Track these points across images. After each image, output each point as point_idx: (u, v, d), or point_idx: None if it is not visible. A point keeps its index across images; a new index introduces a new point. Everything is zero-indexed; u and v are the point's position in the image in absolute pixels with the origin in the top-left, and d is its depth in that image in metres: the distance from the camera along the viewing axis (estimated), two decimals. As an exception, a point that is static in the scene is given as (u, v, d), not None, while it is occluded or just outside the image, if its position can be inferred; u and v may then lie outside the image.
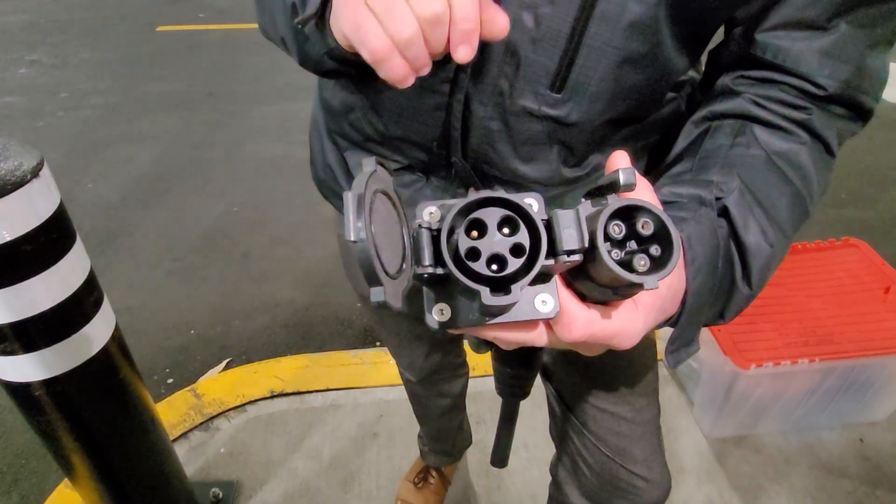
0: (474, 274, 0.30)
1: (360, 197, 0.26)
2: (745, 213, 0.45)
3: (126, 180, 2.81)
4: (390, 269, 0.28)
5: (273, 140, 3.13)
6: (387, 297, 0.26)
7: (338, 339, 1.94)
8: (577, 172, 0.58)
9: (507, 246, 0.31)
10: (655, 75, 0.52)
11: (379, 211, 0.28)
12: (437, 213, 0.32)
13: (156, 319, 2.01)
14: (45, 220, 0.76)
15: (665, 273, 0.30)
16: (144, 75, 4.01)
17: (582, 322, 0.34)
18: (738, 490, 1.47)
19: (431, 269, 0.31)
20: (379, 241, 0.27)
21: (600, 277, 0.32)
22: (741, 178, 0.46)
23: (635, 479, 0.75)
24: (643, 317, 0.37)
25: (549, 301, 0.33)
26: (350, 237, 0.25)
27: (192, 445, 1.56)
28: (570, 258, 0.31)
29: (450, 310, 0.33)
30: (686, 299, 0.42)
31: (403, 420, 1.62)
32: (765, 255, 0.45)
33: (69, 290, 0.83)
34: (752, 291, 0.46)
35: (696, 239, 0.42)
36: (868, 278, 1.56)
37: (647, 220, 0.31)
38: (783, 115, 0.49)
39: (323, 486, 1.47)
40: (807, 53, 0.47)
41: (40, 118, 3.42)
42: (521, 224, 0.31)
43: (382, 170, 0.30)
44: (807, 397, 1.49)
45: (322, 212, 2.51)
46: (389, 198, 0.31)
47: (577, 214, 0.31)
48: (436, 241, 0.31)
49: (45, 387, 0.87)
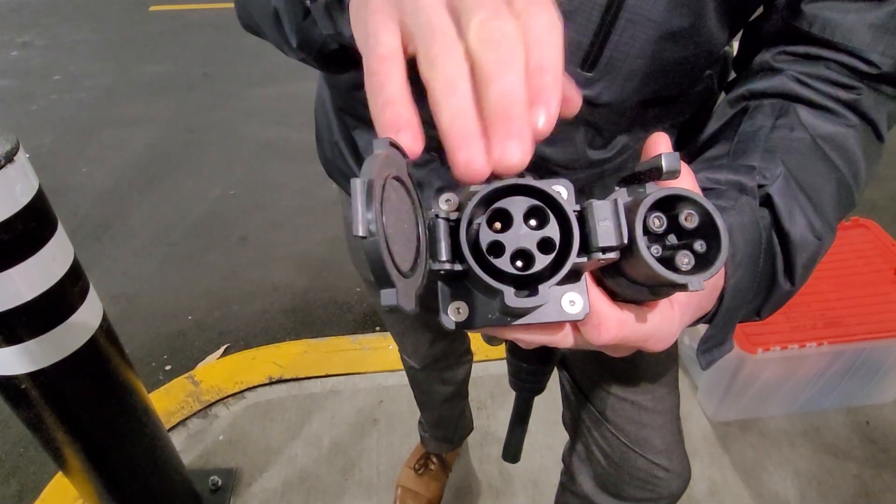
0: (497, 271, 0.26)
1: (370, 184, 0.22)
2: (791, 202, 0.41)
3: (121, 164, 2.77)
4: (403, 266, 0.24)
5: (269, 122, 3.08)
6: (399, 299, 0.22)
7: (337, 323, 1.92)
8: (602, 154, 0.55)
9: (534, 240, 0.27)
10: (694, 51, 0.48)
11: (391, 199, 0.24)
12: (454, 201, 0.29)
13: (153, 305, 1.99)
14: (22, 206, 0.73)
15: (712, 273, 0.26)
16: (138, 57, 3.93)
17: (613, 324, 0.30)
18: (743, 474, 1.45)
19: (449, 266, 0.27)
20: (391, 234, 0.23)
21: (637, 275, 0.28)
22: (785, 164, 0.41)
23: (655, 469, 0.73)
24: (679, 317, 0.34)
25: (577, 301, 0.29)
26: (358, 232, 0.21)
27: (191, 433, 1.54)
28: (606, 255, 0.27)
29: (467, 308, 0.30)
30: (724, 296, 0.38)
31: (404, 406, 1.60)
32: (811, 250, 0.41)
33: (52, 280, 0.80)
34: (794, 287, 0.42)
35: (738, 230, 0.38)
36: (878, 259, 1.53)
37: (692, 212, 0.27)
38: (830, 94, 0.44)
39: (323, 472, 1.46)
40: (859, 27, 0.42)
41: (33, 101, 3.37)
42: (551, 215, 0.27)
43: (395, 151, 0.26)
44: (814, 381, 1.47)
45: (320, 195, 2.48)
46: (403, 183, 0.27)
47: (615, 206, 0.27)
48: (454, 234, 0.27)
49: (31, 380, 0.84)
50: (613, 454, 0.74)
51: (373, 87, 0.26)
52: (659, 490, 0.74)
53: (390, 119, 0.25)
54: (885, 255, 1.53)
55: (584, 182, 0.57)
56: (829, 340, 1.33)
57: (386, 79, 0.26)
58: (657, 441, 0.72)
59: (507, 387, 1.17)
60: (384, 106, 0.26)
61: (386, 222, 0.23)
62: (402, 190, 0.26)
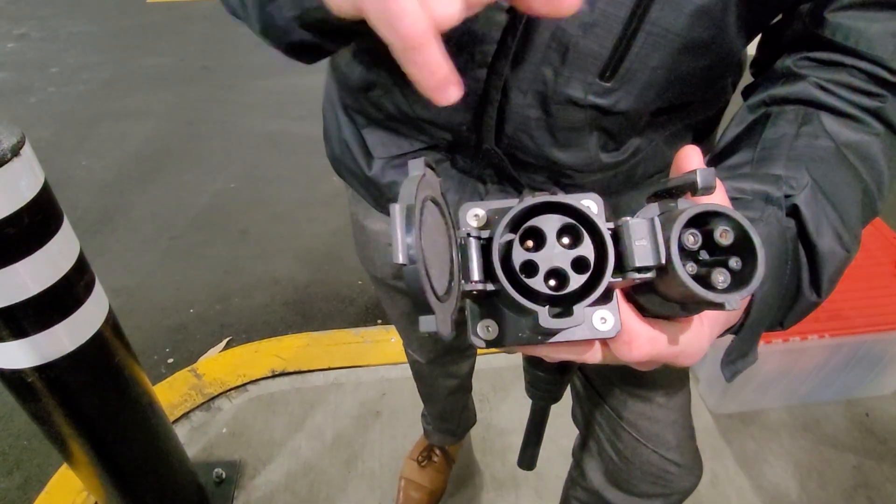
0: (530, 291, 0.26)
1: (411, 209, 0.22)
2: (818, 213, 0.40)
3: (120, 157, 2.76)
4: (439, 290, 0.24)
5: (270, 115, 3.07)
6: (438, 326, 0.22)
7: (339, 316, 1.92)
8: (616, 158, 0.55)
9: (568, 259, 0.27)
10: (714, 61, 0.47)
11: (427, 222, 0.24)
12: (482, 216, 0.28)
13: (154, 299, 1.99)
14: (28, 200, 0.73)
15: (749, 291, 0.26)
16: (136, 49, 3.91)
17: (644, 341, 0.30)
18: (744, 465, 1.46)
19: (481, 286, 0.27)
20: (429, 259, 0.23)
21: (671, 293, 0.27)
22: (811, 174, 0.41)
23: (668, 465, 0.73)
24: (708, 331, 0.34)
25: (608, 319, 0.29)
26: (399, 259, 0.21)
27: (194, 426, 1.55)
28: (642, 275, 0.27)
29: (497, 327, 0.29)
30: (751, 308, 0.38)
31: (406, 398, 1.60)
32: (838, 261, 0.41)
33: (58, 274, 0.80)
34: (819, 299, 0.42)
35: (765, 242, 0.37)
36: (879, 252, 1.53)
37: (727, 229, 0.26)
38: (853, 101, 0.44)
39: (326, 465, 1.47)
40: (883, 36, 0.42)
41: (31, 94, 3.35)
42: (585, 234, 0.27)
43: (431, 172, 0.26)
44: (814, 373, 1.48)
45: (321, 187, 2.47)
46: (437, 204, 0.27)
47: (652, 225, 0.27)
48: (486, 253, 0.27)
49: (37, 373, 0.84)
50: (625, 450, 0.74)
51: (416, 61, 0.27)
52: (671, 486, 0.74)
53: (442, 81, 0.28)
54: (886, 248, 1.53)
55: (597, 186, 0.57)
56: (829, 333, 1.33)
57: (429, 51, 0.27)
58: (670, 437, 0.72)
59: (509, 380, 1.17)
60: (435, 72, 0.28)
61: (424, 247, 0.22)
62: (436, 212, 0.26)
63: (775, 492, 1.41)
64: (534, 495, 1.41)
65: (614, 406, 0.74)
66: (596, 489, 0.81)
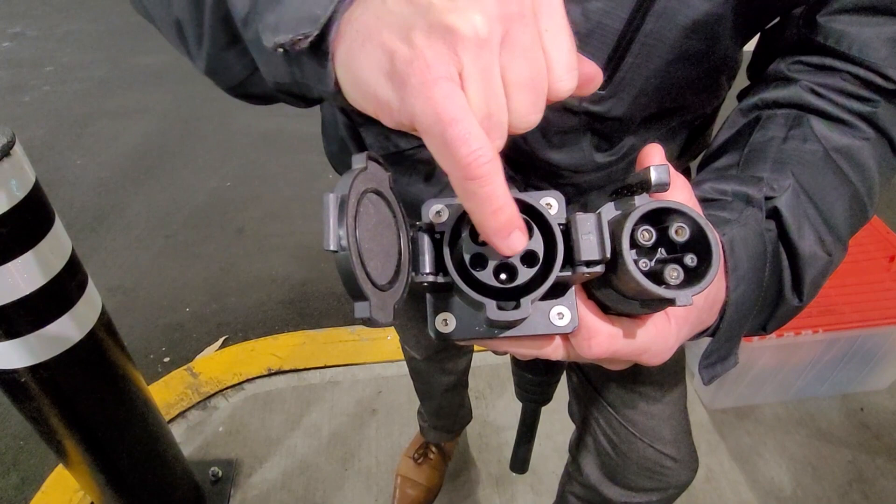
0: (480, 284, 0.27)
1: (343, 199, 0.22)
2: (800, 216, 0.40)
3: (116, 156, 2.75)
4: (380, 280, 0.24)
5: (264, 114, 3.06)
6: (372, 312, 0.23)
7: (335, 314, 1.92)
8: (610, 157, 0.55)
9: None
10: (708, 68, 0.48)
11: (368, 214, 0.25)
12: (445, 212, 0.29)
13: (150, 297, 1.99)
14: (20, 200, 0.73)
15: (701, 288, 0.26)
16: (131, 47, 3.89)
17: (603, 338, 0.30)
18: (739, 460, 1.47)
19: (432, 278, 0.27)
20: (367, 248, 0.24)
21: (625, 289, 0.28)
22: (795, 176, 0.41)
23: (664, 459, 0.73)
24: (675, 331, 0.34)
25: (565, 314, 0.30)
26: (329, 246, 0.22)
27: (190, 424, 1.55)
28: (590, 269, 0.27)
29: (454, 320, 0.30)
30: (725, 310, 0.38)
31: (402, 396, 1.61)
32: (820, 265, 0.41)
33: (50, 274, 0.79)
34: (802, 303, 0.42)
35: (740, 243, 0.38)
36: (872, 247, 1.53)
37: (682, 225, 0.27)
38: (845, 106, 0.43)
39: (322, 462, 1.47)
40: (876, 42, 0.42)
41: (25, 93, 3.34)
42: (535, 228, 0.27)
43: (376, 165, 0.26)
44: (809, 368, 1.48)
45: (317, 185, 2.47)
46: (383, 197, 0.27)
47: (598, 219, 0.27)
48: (437, 246, 0.28)
49: (31, 373, 0.84)
50: (621, 444, 0.75)
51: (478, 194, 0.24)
52: (667, 480, 0.75)
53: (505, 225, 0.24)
54: (880, 243, 1.54)
55: (592, 185, 0.57)
56: (823, 328, 1.34)
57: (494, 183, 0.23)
58: (666, 431, 0.73)
59: (505, 376, 1.17)
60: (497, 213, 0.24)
61: (361, 237, 0.23)
62: (382, 204, 0.27)
63: (770, 486, 1.42)
64: (529, 491, 1.41)
65: (610, 401, 0.74)
66: (592, 484, 0.81)
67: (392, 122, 0.26)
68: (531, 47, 0.24)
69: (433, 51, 0.23)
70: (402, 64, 0.24)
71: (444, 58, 0.23)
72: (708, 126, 0.63)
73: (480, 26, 0.23)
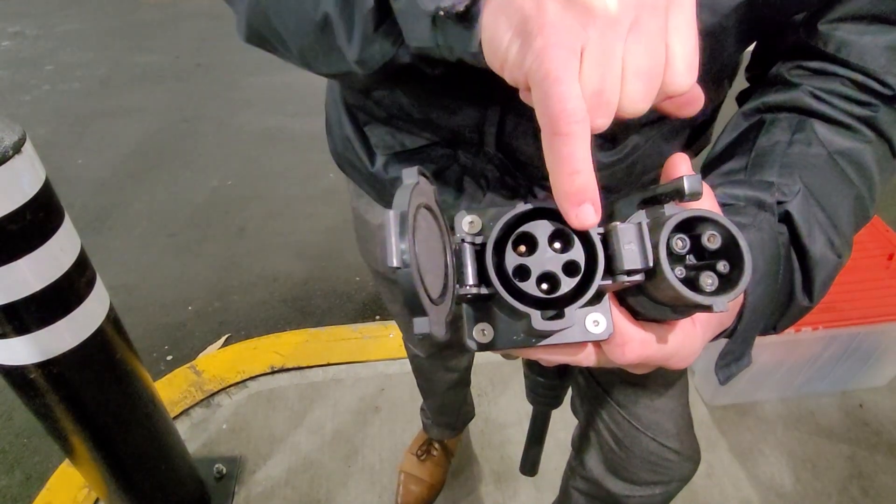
0: (523, 294, 0.27)
1: (404, 215, 0.23)
2: (810, 219, 0.41)
3: (117, 155, 2.76)
4: (433, 293, 0.25)
5: (265, 112, 3.07)
6: (431, 328, 0.23)
7: (337, 312, 1.93)
8: (613, 156, 0.56)
9: (559, 263, 0.28)
10: (711, 75, 0.48)
11: (421, 228, 0.25)
12: (477, 223, 0.29)
13: (153, 296, 1.99)
14: (30, 197, 0.73)
15: (736, 293, 0.26)
16: (131, 46, 3.90)
17: (636, 344, 0.31)
18: (739, 457, 1.48)
19: (475, 290, 0.28)
20: (422, 263, 0.24)
21: (660, 296, 0.28)
22: (803, 180, 0.42)
23: (667, 452, 0.74)
24: (701, 334, 0.34)
25: (601, 321, 0.30)
26: (392, 263, 0.22)
27: (194, 422, 1.55)
28: (631, 278, 0.27)
29: (492, 330, 0.30)
30: (743, 312, 0.38)
31: (405, 393, 1.61)
32: (830, 267, 0.42)
33: (60, 270, 0.80)
34: (811, 304, 0.43)
35: (757, 248, 0.38)
36: (872, 244, 1.54)
37: (714, 233, 0.27)
38: (846, 110, 0.45)
39: (326, 460, 1.48)
40: (874, 49, 0.43)
41: (26, 92, 3.34)
42: (575, 239, 0.28)
43: (424, 181, 0.27)
44: (808, 365, 1.49)
45: (319, 183, 2.48)
46: (431, 210, 0.27)
47: (639, 229, 0.28)
48: (480, 258, 0.28)
49: (40, 369, 0.85)
50: (624, 438, 0.75)
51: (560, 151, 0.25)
52: (669, 473, 0.75)
53: (579, 190, 0.25)
54: (879, 241, 1.55)
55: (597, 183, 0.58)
56: (823, 325, 1.35)
57: (576, 146, 0.25)
58: (669, 424, 0.73)
59: (508, 374, 1.18)
60: (572, 175, 0.25)
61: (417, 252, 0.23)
62: (430, 217, 0.27)
63: (770, 482, 1.43)
64: (532, 488, 1.42)
65: (614, 395, 0.74)
66: (595, 478, 0.82)
67: (511, 77, 0.28)
68: (656, 38, 0.26)
69: (563, 21, 0.25)
70: (532, 27, 0.26)
71: (571, 29, 0.25)
72: (710, 124, 0.64)
73: (613, 7, 0.25)
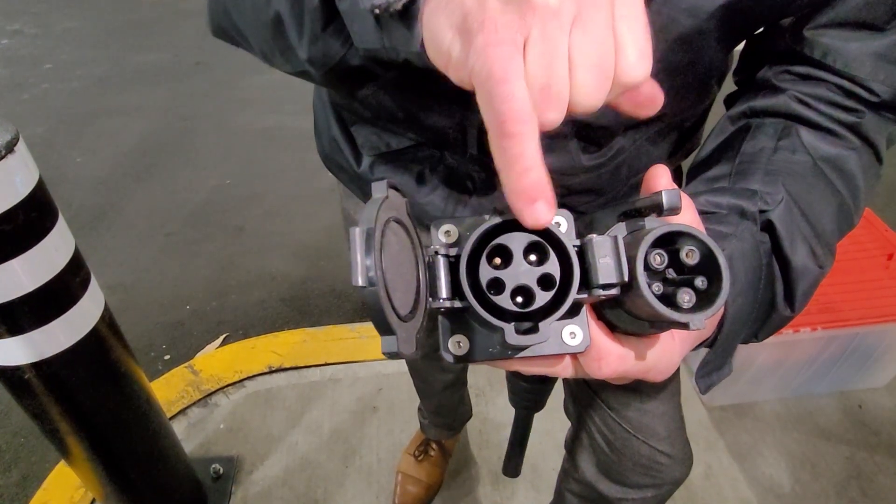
0: (497, 308, 0.26)
1: (370, 232, 0.22)
2: (792, 229, 0.41)
3: (115, 154, 2.75)
4: (403, 310, 0.24)
5: (264, 111, 3.06)
6: (399, 346, 0.22)
7: (335, 312, 1.93)
8: (598, 160, 0.55)
9: (534, 277, 0.27)
10: (695, 77, 0.48)
11: (390, 244, 0.24)
12: (454, 232, 0.29)
13: (151, 295, 1.99)
14: (23, 197, 0.73)
15: (713, 311, 0.26)
16: (130, 45, 3.89)
17: (614, 359, 0.30)
18: (738, 457, 1.48)
19: (449, 303, 0.27)
20: (391, 280, 0.23)
21: (637, 311, 0.28)
22: (786, 188, 0.42)
23: (658, 456, 0.74)
24: (679, 347, 0.34)
25: (578, 334, 0.29)
26: (358, 282, 0.22)
27: (191, 422, 1.55)
28: (607, 292, 0.27)
29: (468, 342, 0.30)
30: (724, 322, 0.38)
31: (403, 393, 1.61)
32: (812, 277, 0.41)
33: (54, 271, 0.80)
34: (793, 313, 0.42)
35: (738, 257, 0.38)
36: (871, 245, 1.54)
37: (693, 249, 0.27)
38: (831, 116, 0.44)
39: (323, 459, 1.47)
40: (860, 55, 0.43)
41: (24, 91, 3.33)
42: (551, 251, 0.27)
43: (395, 194, 0.26)
44: (807, 365, 1.49)
45: (317, 183, 2.47)
46: (402, 224, 0.27)
47: (615, 243, 0.27)
48: (454, 270, 0.27)
49: (34, 370, 0.85)
50: (616, 441, 0.75)
51: (509, 152, 0.24)
52: (661, 476, 0.75)
53: (530, 187, 0.24)
54: (878, 241, 1.54)
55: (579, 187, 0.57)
56: (822, 326, 1.34)
57: (525, 145, 0.24)
58: (660, 428, 0.73)
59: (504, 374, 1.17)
60: (523, 173, 0.24)
61: (385, 268, 0.23)
62: (401, 231, 0.26)
63: (769, 483, 1.43)
64: (529, 488, 1.42)
65: (605, 398, 0.74)
66: (588, 481, 0.82)
67: (456, 77, 0.28)
68: (602, 28, 0.25)
69: (503, 16, 0.25)
70: (473, 24, 0.25)
71: (512, 24, 0.25)
72: (699, 127, 0.63)
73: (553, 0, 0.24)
